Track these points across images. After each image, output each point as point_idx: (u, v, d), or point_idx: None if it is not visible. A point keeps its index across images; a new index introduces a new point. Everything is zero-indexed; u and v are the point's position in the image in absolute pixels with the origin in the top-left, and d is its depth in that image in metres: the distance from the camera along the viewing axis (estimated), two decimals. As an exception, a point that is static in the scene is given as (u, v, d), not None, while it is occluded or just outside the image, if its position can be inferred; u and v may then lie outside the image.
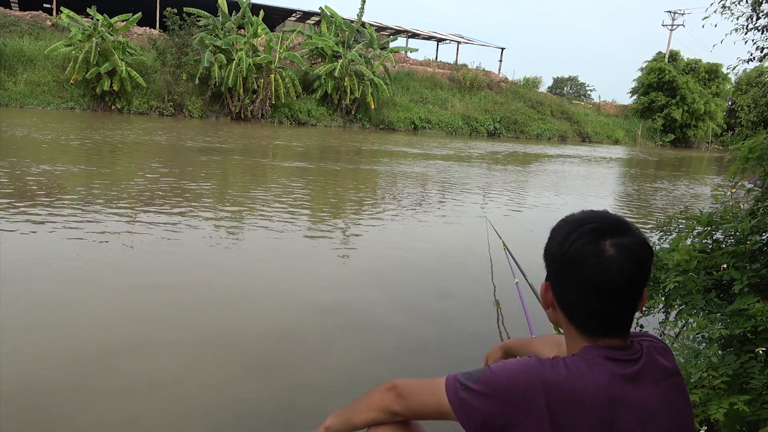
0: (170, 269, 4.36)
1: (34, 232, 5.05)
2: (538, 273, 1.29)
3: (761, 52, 4.49)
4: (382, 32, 35.79)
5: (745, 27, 4.08)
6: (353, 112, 29.00)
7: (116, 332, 3.14)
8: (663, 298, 2.45)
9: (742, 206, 2.53)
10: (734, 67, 5.24)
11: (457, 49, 39.33)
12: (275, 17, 35.33)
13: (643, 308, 2.64)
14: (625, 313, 1.06)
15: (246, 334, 3.28)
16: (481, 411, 1.01)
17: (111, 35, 23.37)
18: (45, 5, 33.67)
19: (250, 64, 24.97)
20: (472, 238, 6.03)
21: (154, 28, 29.34)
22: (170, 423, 2.36)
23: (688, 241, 2.51)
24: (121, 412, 2.39)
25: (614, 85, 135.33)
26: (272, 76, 25.86)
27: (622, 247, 1.02)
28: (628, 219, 1.11)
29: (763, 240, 2.30)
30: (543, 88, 42.60)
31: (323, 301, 3.91)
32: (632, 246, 1.02)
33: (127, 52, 24.09)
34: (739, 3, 3.95)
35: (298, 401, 2.60)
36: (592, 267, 1.02)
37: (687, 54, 58.81)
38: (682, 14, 44.24)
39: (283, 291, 4.09)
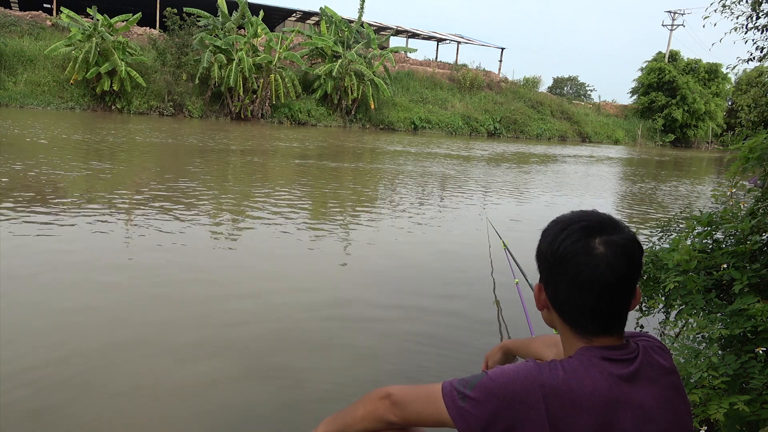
0: (169, 270, 4.36)
1: (37, 232, 5.05)
2: (538, 273, 1.31)
3: (761, 51, 4.49)
4: (382, 32, 35.79)
5: (744, 26, 4.08)
6: (353, 112, 29.00)
7: (116, 332, 3.14)
8: (663, 298, 2.45)
9: (742, 206, 2.53)
10: (734, 67, 5.21)
11: (457, 49, 39.37)
12: (275, 17, 35.34)
13: (643, 308, 2.65)
14: (617, 310, 1.06)
15: (246, 333, 3.28)
16: (480, 418, 1.00)
17: (111, 35, 23.38)
18: (45, 5, 33.68)
19: (250, 64, 24.97)
20: (473, 238, 6.03)
21: (154, 28, 29.34)
22: (170, 422, 2.35)
23: (688, 241, 2.51)
24: (121, 412, 2.39)
25: (614, 85, 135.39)
26: (272, 76, 25.86)
27: (611, 244, 1.03)
28: (628, 219, 1.13)
29: (763, 240, 2.30)
30: (543, 88, 42.61)
31: (323, 300, 3.91)
32: (621, 242, 1.04)
33: (127, 52, 24.09)
34: (739, 2, 3.95)
35: (298, 399, 2.60)
36: (582, 264, 1.03)
37: (687, 54, 58.86)
38: (682, 14, 44.25)
39: (283, 290, 4.09)
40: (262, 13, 26.97)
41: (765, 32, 4.08)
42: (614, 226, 1.05)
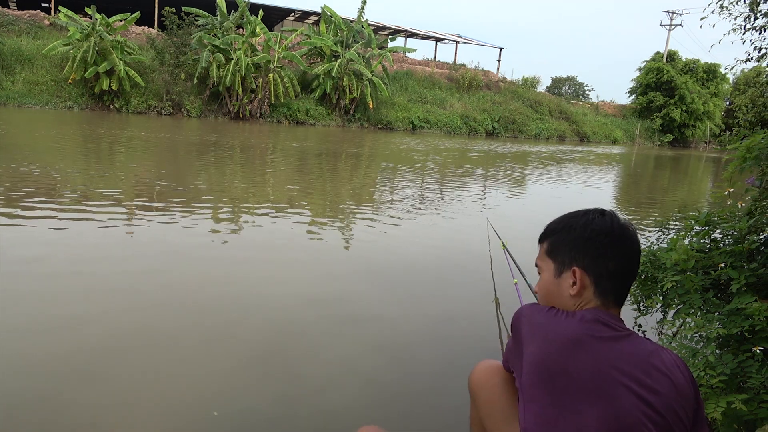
0: (168, 264, 4.36)
1: (39, 230, 5.05)
2: (537, 274, 1.32)
3: (759, 52, 4.49)
4: (381, 32, 35.79)
5: (742, 27, 4.08)
6: (352, 112, 29.00)
7: (116, 327, 3.14)
8: (661, 298, 2.46)
9: (739, 206, 2.54)
10: (732, 68, 5.20)
11: (456, 49, 39.34)
12: (274, 16, 35.32)
13: (641, 308, 2.65)
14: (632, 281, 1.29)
15: (245, 327, 3.29)
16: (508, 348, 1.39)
17: (109, 34, 23.34)
18: (43, 4, 33.64)
19: (248, 64, 24.95)
20: (473, 238, 6.04)
21: (153, 27, 29.32)
22: (169, 416, 2.36)
23: (686, 241, 2.52)
24: (120, 405, 2.39)
25: (613, 85, 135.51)
26: (271, 75, 25.84)
27: (625, 223, 1.29)
28: (629, 218, 1.23)
29: (761, 239, 2.31)
30: (541, 88, 42.65)
31: (322, 296, 3.92)
32: (626, 221, 1.30)
33: (126, 51, 24.06)
34: (737, 3, 3.95)
35: (297, 393, 2.61)
36: (628, 238, 1.26)
37: (685, 54, 58.88)
38: (680, 14, 44.29)
39: (282, 286, 4.09)
40: (261, 12, 26.95)
41: (763, 33, 4.09)
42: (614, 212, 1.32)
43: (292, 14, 35.38)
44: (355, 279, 4.46)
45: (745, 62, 4.72)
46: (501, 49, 40.38)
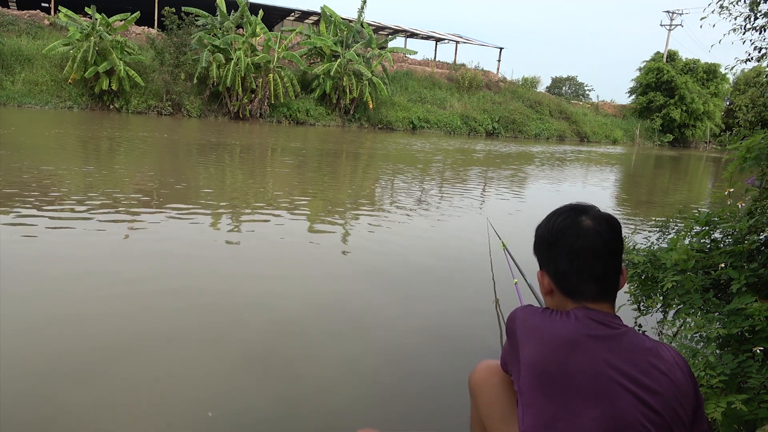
0: (168, 264, 4.36)
1: (41, 230, 5.04)
2: (538, 265, 1.33)
3: (759, 52, 4.49)
4: (381, 32, 35.78)
5: (742, 27, 4.08)
6: (352, 112, 28.99)
7: (115, 326, 3.14)
8: (661, 298, 2.45)
9: (739, 206, 2.54)
10: (732, 68, 5.19)
11: (456, 49, 39.33)
12: (274, 16, 35.31)
13: (641, 308, 2.65)
14: (610, 273, 1.23)
15: (245, 328, 3.29)
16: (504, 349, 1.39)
17: (109, 34, 23.33)
18: (43, 4, 33.61)
19: (248, 64, 24.94)
20: (473, 238, 6.04)
21: (153, 27, 29.31)
22: (169, 415, 2.36)
23: (686, 241, 2.52)
24: (120, 406, 2.39)
25: (613, 85, 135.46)
26: (271, 75, 25.83)
27: (595, 217, 1.24)
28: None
29: (761, 239, 2.30)
30: (541, 88, 42.65)
31: (322, 296, 3.92)
32: (604, 215, 1.26)
33: (126, 51, 24.05)
34: (737, 3, 3.95)
35: (297, 394, 2.61)
36: (575, 235, 1.23)
37: (685, 54, 58.85)
38: (680, 14, 44.28)
39: (282, 286, 4.09)
40: (261, 12, 26.94)
41: (763, 33, 4.09)
42: (596, 208, 1.28)
43: (292, 14, 35.37)
44: (355, 279, 4.46)
45: (745, 62, 4.72)
46: (501, 49, 40.38)
